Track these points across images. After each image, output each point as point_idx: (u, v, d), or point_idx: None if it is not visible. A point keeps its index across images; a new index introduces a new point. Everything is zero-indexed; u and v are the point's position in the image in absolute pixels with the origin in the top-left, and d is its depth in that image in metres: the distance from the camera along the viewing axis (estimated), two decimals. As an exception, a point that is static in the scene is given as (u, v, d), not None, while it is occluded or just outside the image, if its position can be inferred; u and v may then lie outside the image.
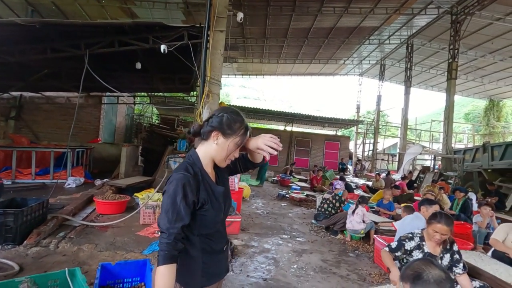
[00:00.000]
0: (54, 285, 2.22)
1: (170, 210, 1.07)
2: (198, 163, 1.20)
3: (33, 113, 10.28)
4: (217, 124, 1.19)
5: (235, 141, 1.19)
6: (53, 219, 4.13)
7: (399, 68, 18.77)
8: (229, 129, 1.18)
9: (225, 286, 3.03)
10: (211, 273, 1.22)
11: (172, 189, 1.09)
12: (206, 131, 1.20)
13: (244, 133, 1.21)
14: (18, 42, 4.53)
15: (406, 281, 1.18)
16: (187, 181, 1.10)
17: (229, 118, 1.20)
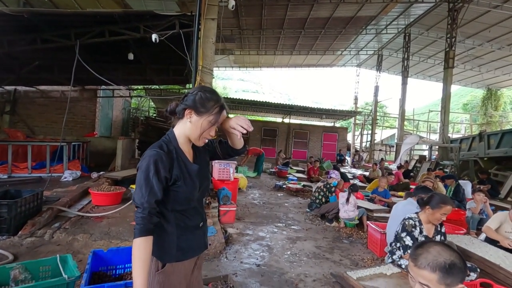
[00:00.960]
0: (45, 271, 2.24)
1: (143, 185, 1.10)
2: (174, 141, 1.22)
3: (27, 108, 10.21)
4: (191, 102, 1.19)
5: (208, 119, 1.19)
6: (48, 210, 4.15)
7: (397, 58, 18.68)
8: (202, 107, 1.18)
9: (218, 272, 3.07)
10: (185, 248, 1.24)
11: (145, 165, 1.12)
12: (180, 109, 1.22)
13: (218, 112, 1.20)
14: (7, 32, 4.47)
15: (435, 271, 1.07)
16: (159, 158, 1.12)
17: (202, 96, 1.20)
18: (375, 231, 3.88)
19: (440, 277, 1.06)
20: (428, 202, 2.53)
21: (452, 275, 1.06)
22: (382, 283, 2.38)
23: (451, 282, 1.07)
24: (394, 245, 2.72)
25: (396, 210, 3.53)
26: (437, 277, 1.07)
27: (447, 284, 1.06)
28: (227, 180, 5.51)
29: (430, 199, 2.53)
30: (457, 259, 1.10)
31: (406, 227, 2.56)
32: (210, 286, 2.82)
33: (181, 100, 1.24)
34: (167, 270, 1.19)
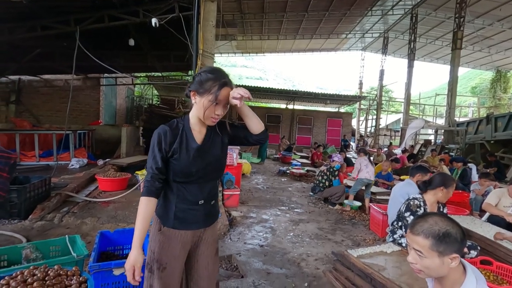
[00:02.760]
0: (55, 251, 2.33)
1: (150, 154, 1.28)
2: (186, 121, 1.34)
3: (32, 97, 10.29)
4: (193, 84, 1.28)
5: (208, 98, 1.23)
6: (57, 195, 4.26)
7: (403, 41, 18.20)
8: (201, 88, 1.24)
9: (222, 252, 3.15)
10: (181, 218, 1.32)
11: (152, 138, 1.29)
12: (188, 92, 1.32)
13: (217, 90, 1.22)
14: (7, 20, 4.45)
15: (428, 237, 1.09)
16: (163, 132, 1.27)
17: (202, 77, 1.25)
18: (377, 213, 3.92)
19: (433, 244, 1.08)
20: (442, 183, 2.53)
21: (445, 243, 1.07)
22: (381, 260, 2.43)
23: (444, 250, 1.07)
24: (395, 224, 2.75)
25: (395, 191, 3.54)
26: (430, 243, 1.08)
27: (439, 251, 1.07)
28: (231, 165, 5.56)
29: (442, 180, 2.54)
30: (453, 229, 1.10)
31: (411, 207, 2.58)
32: (214, 265, 2.91)
33: (189, 84, 1.33)
34: (165, 232, 1.32)
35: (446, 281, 1.14)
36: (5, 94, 9.79)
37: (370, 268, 2.25)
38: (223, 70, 1.30)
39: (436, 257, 1.08)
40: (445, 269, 1.09)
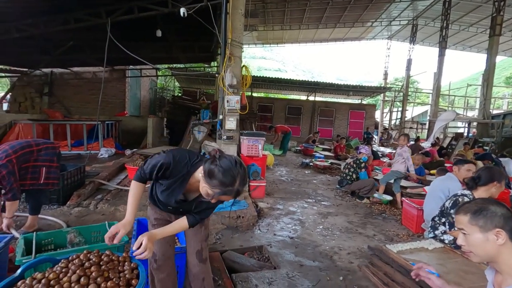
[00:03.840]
0: (96, 236, 2.40)
1: (150, 164, 1.47)
2: (194, 170, 1.45)
3: (63, 89, 10.73)
4: (206, 164, 1.32)
5: (208, 190, 1.31)
6: (91, 183, 4.43)
7: (433, 28, 17.20)
8: (209, 178, 1.29)
9: (251, 243, 3.15)
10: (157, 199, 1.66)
11: (159, 158, 1.46)
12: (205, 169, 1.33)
13: (217, 194, 1.29)
14: (42, 13, 4.60)
15: (466, 213, 1.14)
16: (167, 163, 1.43)
17: (215, 171, 1.28)
18: (411, 207, 3.76)
19: (471, 218, 1.10)
20: (494, 178, 2.36)
21: (483, 217, 1.08)
22: (423, 257, 2.31)
23: (484, 224, 1.07)
24: (437, 220, 2.61)
25: (434, 186, 3.37)
26: (468, 217, 1.11)
27: (480, 226, 1.08)
28: (256, 156, 5.52)
29: (493, 175, 2.38)
30: (493, 206, 1.10)
31: (459, 204, 2.43)
32: (246, 255, 2.92)
33: (213, 157, 1.34)
34: (150, 206, 1.75)
35: (502, 266, 1.10)
36: (39, 86, 10.27)
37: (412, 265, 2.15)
38: (235, 175, 1.29)
39: (478, 232, 1.09)
40: (493, 247, 1.07)
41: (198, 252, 1.76)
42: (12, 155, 2.72)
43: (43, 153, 3.03)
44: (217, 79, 10.21)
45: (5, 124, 7.66)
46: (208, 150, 5.07)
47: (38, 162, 2.99)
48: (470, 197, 2.40)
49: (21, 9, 4.41)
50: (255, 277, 2.44)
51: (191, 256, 1.78)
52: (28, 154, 2.89)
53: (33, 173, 2.95)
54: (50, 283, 1.08)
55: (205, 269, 1.80)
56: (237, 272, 2.55)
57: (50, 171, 3.08)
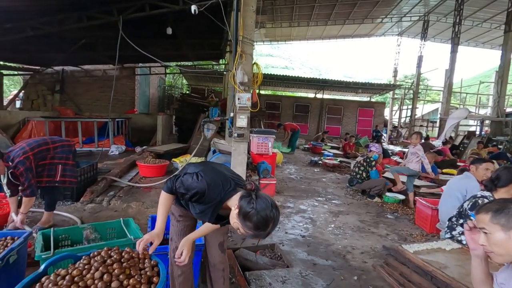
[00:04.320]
0: (111, 232, 2.43)
1: (182, 186, 1.48)
2: (226, 198, 1.44)
3: (74, 86, 10.87)
4: (244, 207, 1.28)
5: (241, 229, 1.31)
6: (103, 180, 4.48)
7: (446, 24, 16.82)
8: (244, 219, 1.28)
9: (264, 241, 3.13)
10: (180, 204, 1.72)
11: (194, 184, 1.44)
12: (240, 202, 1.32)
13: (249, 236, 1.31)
14: (57, 11, 4.65)
15: (487, 212, 1.12)
16: (201, 191, 1.43)
17: (252, 215, 1.25)
18: (425, 207, 3.70)
19: (492, 216, 1.09)
20: None
21: (505, 215, 1.06)
22: (441, 257, 2.27)
23: (507, 223, 1.05)
24: (455, 220, 2.56)
25: (451, 185, 3.29)
26: (490, 216, 1.09)
27: (502, 224, 1.06)
28: (266, 154, 5.52)
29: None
30: None
31: (478, 201, 2.37)
32: (258, 253, 2.91)
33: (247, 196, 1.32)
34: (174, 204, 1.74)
35: None
36: (51, 84, 10.43)
37: (430, 266, 2.11)
38: (270, 220, 1.27)
39: (500, 231, 1.06)
40: None
41: (220, 244, 1.81)
42: (29, 152, 2.76)
43: (59, 150, 3.08)
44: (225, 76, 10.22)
45: (19, 121, 7.81)
46: (218, 148, 5.08)
47: (55, 159, 3.03)
48: (490, 198, 2.34)
49: (36, 8, 4.46)
50: (268, 275, 2.43)
51: (213, 248, 1.81)
52: (45, 151, 2.94)
53: (49, 170, 3.00)
54: (74, 280, 1.09)
55: (225, 260, 1.85)
56: (250, 270, 2.55)
57: (66, 169, 3.12)
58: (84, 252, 1.35)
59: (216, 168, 1.60)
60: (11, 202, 2.77)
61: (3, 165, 2.64)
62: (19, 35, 4.96)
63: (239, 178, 1.58)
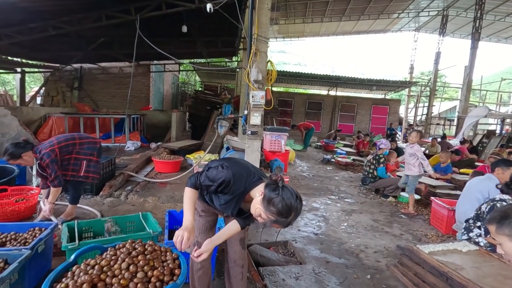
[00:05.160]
0: (131, 226, 2.53)
1: (207, 178, 1.51)
2: (250, 189, 1.48)
3: (91, 83, 11.18)
4: (268, 194, 1.33)
5: (263, 215, 1.34)
6: (121, 175, 4.63)
7: (466, 19, 16.23)
8: (268, 204, 1.31)
9: (276, 238, 3.17)
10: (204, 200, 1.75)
11: (220, 174, 1.47)
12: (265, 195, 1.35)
13: (270, 222, 1.34)
14: (77, 11, 4.80)
15: (492, 223, 1.11)
16: (228, 181, 1.45)
17: (275, 203, 1.30)
18: (441, 207, 3.64)
19: (497, 227, 1.08)
20: None
21: (508, 225, 1.05)
22: (457, 259, 2.25)
23: (510, 232, 1.04)
24: (472, 222, 2.52)
25: (471, 186, 3.21)
26: (494, 227, 1.09)
27: (507, 235, 1.05)
28: (278, 152, 5.54)
29: None
30: None
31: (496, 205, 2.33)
32: (271, 249, 2.96)
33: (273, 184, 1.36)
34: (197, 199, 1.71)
35: None
36: (69, 81, 10.77)
37: (446, 267, 2.09)
38: (293, 208, 1.32)
39: (508, 241, 1.06)
40: None
41: (241, 240, 1.84)
42: (56, 145, 2.93)
43: (85, 147, 3.23)
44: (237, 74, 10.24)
45: (40, 117, 8.12)
46: (232, 145, 5.14)
47: (80, 155, 3.18)
48: (510, 202, 2.29)
49: (57, 8, 4.62)
50: (282, 271, 2.47)
51: (234, 243, 1.84)
52: (71, 146, 3.09)
53: (74, 165, 3.14)
54: (103, 269, 1.16)
55: (245, 257, 1.88)
56: (263, 265, 2.59)
57: (90, 165, 3.26)
58: (110, 244, 1.43)
59: (239, 161, 1.66)
60: (44, 194, 2.95)
61: (32, 156, 2.81)
62: (41, 34, 5.15)
63: (261, 172, 1.63)
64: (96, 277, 1.11)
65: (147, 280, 1.17)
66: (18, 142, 2.81)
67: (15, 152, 2.71)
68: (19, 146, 2.75)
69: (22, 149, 2.76)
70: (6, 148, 2.73)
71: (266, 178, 1.51)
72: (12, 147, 2.72)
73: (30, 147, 2.82)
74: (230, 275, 1.92)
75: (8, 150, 2.70)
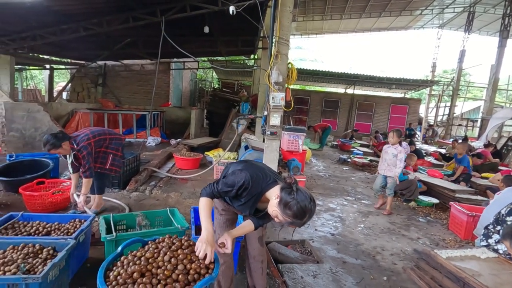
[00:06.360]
0: (159, 220, 2.71)
1: (226, 184, 1.58)
2: (266, 190, 1.57)
3: (114, 80, 11.61)
4: (284, 198, 1.42)
5: (279, 217, 1.45)
6: (145, 170, 4.86)
7: (493, 16, 15.52)
8: (284, 208, 1.41)
9: (294, 236, 3.28)
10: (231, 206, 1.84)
11: (238, 178, 1.56)
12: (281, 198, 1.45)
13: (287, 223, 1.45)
14: (106, 13, 5.04)
15: (506, 239, 1.17)
16: (247, 183, 1.54)
17: (291, 205, 1.39)
18: (461, 213, 3.62)
19: (511, 243, 1.14)
20: None
21: None
22: (475, 265, 2.28)
23: None
24: (492, 228, 2.53)
25: (500, 198, 3.14)
26: (509, 243, 1.15)
27: None
28: (296, 151, 5.62)
29: None
30: None
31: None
32: (289, 247, 3.07)
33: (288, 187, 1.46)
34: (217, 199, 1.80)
35: None
36: (94, 78, 11.23)
37: (463, 272, 2.13)
38: (307, 211, 1.41)
39: None
40: None
41: (260, 238, 1.98)
42: (92, 139, 3.17)
43: (113, 142, 3.47)
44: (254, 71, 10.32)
45: (68, 112, 8.56)
46: (251, 144, 5.26)
47: (108, 149, 3.43)
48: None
49: (89, 10, 4.87)
50: (300, 269, 2.59)
51: (253, 241, 1.97)
52: (102, 140, 3.34)
53: (102, 158, 3.39)
54: (149, 261, 1.32)
55: (264, 253, 2.02)
56: (281, 263, 2.71)
57: (115, 159, 3.50)
58: (149, 238, 1.58)
59: (255, 164, 1.78)
60: (73, 177, 3.20)
61: (69, 146, 3.04)
62: (73, 35, 5.44)
63: (276, 174, 1.74)
64: (144, 267, 1.27)
65: (186, 272, 1.31)
66: (56, 133, 3.04)
67: (56, 142, 2.93)
68: (58, 137, 2.98)
69: (61, 139, 2.98)
70: (46, 139, 2.95)
71: (281, 180, 1.61)
72: (52, 138, 2.94)
73: (67, 137, 3.07)
74: (251, 270, 2.07)
75: (50, 141, 2.92)
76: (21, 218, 2.37)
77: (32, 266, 1.73)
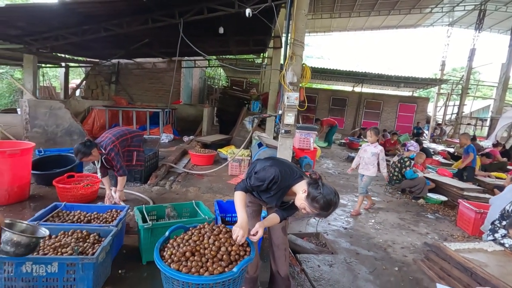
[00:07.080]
0: (186, 212, 2.92)
1: (257, 179, 1.77)
2: (293, 184, 1.75)
3: (127, 78, 11.87)
4: (312, 192, 1.61)
5: (307, 209, 1.64)
6: (163, 166, 5.10)
7: (505, 13, 15.35)
8: (312, 201, 1.60)
9: (308, 229, 3.47)
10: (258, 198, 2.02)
11: (268, 173, 1.73)
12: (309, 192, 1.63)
13: (314, 214, 1.63)
14: (126, 14, 5.25)
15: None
16: (277, 177, 1.71)
17: (318, 199, 1.57)
18: (469, 210, 3.77)
19: None
20: None
21: None
22: (482, 257, 2.44)
23: None
24: (498, 223, 2.68)
25: (505, 194, 3.29)
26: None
27: None
28: (307, 149, 5.79)
29: None
30: None
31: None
32: (305, 239, 3.27)
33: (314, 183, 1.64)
34: None
35: None
36: (108, 75, 11.51)
37: (471, 263, 2.30)
38: (333, 204, 1.60)
39: None
40: None
41: (283, 228, 2.17)
42: (116, 141, 3.38)
43: (134, 139, 3.71)
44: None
45: (84, 109, 8.85)
46: (264, 142, 5.45)
47: (131, 147, 3.66)
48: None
49: (110, 12, 5.09)
50: (316, 259, 2.78)
51: (277, 231, 2.14)
52: (125, 141, 3.56)
53: (128, 156, 3.62)
54: (196, 243, 1.52)
55: (287, 242, 2.21)
56: (298, 253, 2.91)
57: (139, 155, 3.76)
58: (190, 224, 1.79)
59: (282, 161, 1.98)
60: (105, 181, 3.40)
61: (97, 152, 3.25)
62: (94, 36, 5.68)
63: (301, 170, 1.94)
64: (193, 248, 1.47)
65: (228, 253, 1.51)
66: (84, 142, 3.16)
67: (86, 151, 3.09)
68: (87, 145, 3.11)
69: (90, 147, 3.13)
70: (77, 149, 3.07)
71: (306, 176, 1.80)
72: (82, 147, 3.08)
73: (95, 144, 3.24)
74: (275, 257, 2.26)
75: (81, 150, 3.06)
76: (64, 208, 2.61)
77: (84, 249, 1.95)
